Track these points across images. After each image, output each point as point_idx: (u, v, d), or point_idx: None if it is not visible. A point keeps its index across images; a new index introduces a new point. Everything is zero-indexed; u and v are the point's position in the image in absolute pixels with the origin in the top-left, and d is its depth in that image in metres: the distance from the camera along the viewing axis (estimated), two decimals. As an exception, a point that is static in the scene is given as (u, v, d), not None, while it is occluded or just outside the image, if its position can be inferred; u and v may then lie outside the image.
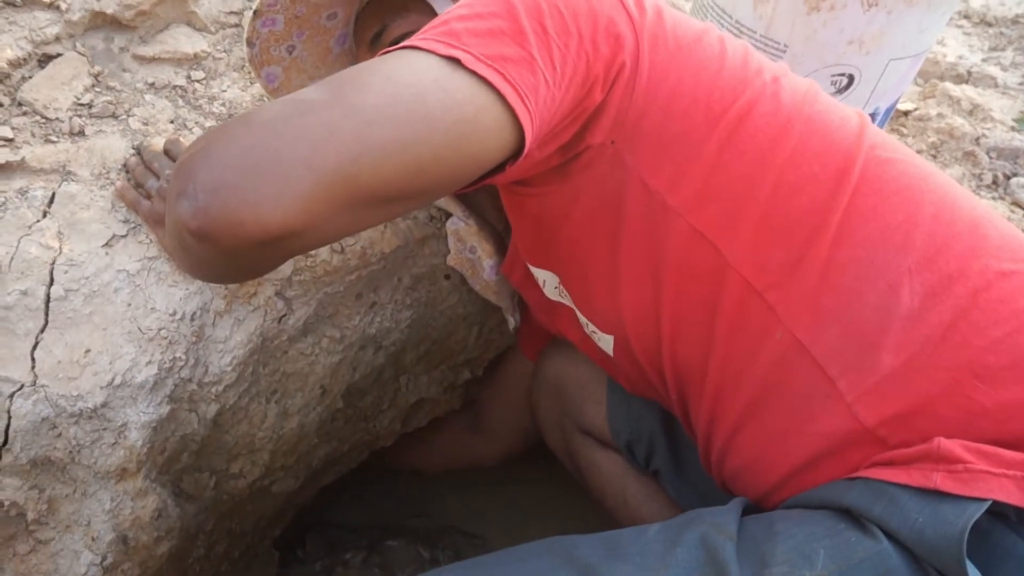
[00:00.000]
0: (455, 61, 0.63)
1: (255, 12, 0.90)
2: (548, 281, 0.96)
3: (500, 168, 0.70)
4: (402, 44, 0.67)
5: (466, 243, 1.06)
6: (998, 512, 0.63)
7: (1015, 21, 2.03)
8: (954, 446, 0.65)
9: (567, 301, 0.95)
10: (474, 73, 0.63)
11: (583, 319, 0.93)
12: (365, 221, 0.64)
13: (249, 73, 1.11)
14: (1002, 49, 1.94)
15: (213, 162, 0.56)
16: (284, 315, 0.97)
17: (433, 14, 0.88)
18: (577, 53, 0.70)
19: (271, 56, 0.98)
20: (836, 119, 0.77)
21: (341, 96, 0.60)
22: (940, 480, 0.64)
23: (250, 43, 0.94)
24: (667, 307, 0.79)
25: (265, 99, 1.08)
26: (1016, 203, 1.41)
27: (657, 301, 0.80)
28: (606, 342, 0.91)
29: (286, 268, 0.95)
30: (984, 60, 1.88)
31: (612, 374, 1.01)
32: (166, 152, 0.94)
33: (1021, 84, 1.78)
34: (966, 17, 2.06)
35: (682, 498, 1.04)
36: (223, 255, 0.59)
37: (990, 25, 2.03)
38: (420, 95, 0.61)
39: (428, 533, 1.52)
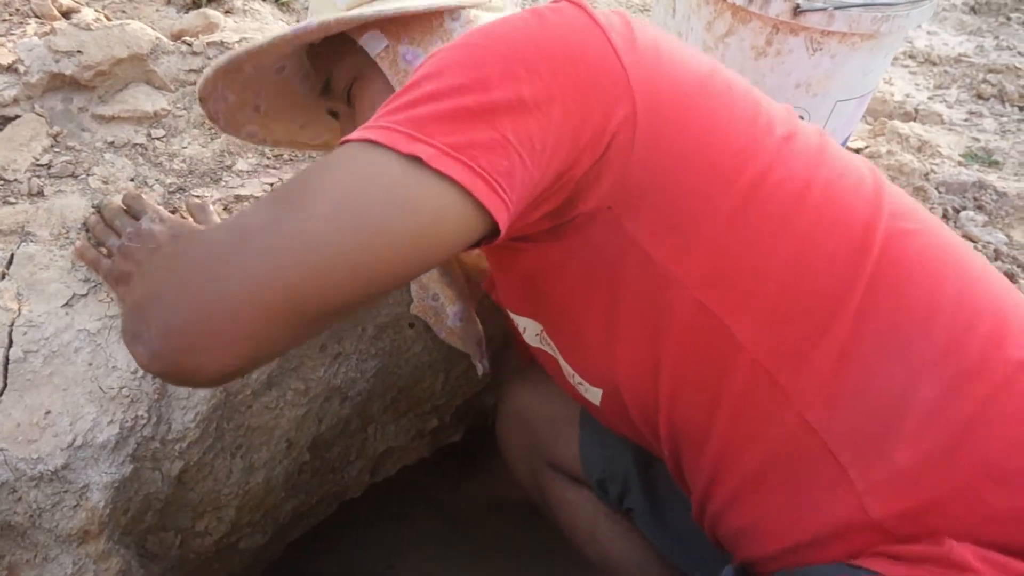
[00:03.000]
0: (416, 159, 0.59)
1: (200, 99, 0.88)
2: (529, 328, 0.92)
3: (474, 246, 0.67)
4: (363, 133, 0.62)
5: (428, 290, 1.06)
6: None
7: (958, 60, 2.10)
8: (966, 552, 0.63)
9: (550, 349, 0.91)
10: (437, 171, 0.59)
11: (568, 369, 0.89)
12: (320, 329, 0.63)
13: (211, 129, 1.12)
14: (947, 87, 2.00)
15: (163, 305, 0.57)
16: (248, 369, 0.97)
17: (366, 55, 0.84)
18: (560, 124, 0.64)
19: (240, 120, 0.97)
20: (852, 182, 0.73)
21: (283, 223, 0.58)
22: None
23: (214, 120, 0.93)
24: (667, 373, 0.75)
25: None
26: (967, 236, 1.45)
27: (657, 366, 0.76)
28: (593, 394, 0.88)
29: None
30: (930, 98, 1.94)
31: (598, 418, 0.97)
32: (126, 207, 0.94)
33: (966, 120, 1.84)
34: (911, 57, 2.13)
35: (656, 537, 1.03)
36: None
37: (935, 64, 2.10)
38: (368, 213, 0.59)
39: (402, 584, 1.50)
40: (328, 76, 0.90)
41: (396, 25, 0.83)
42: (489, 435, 1.28)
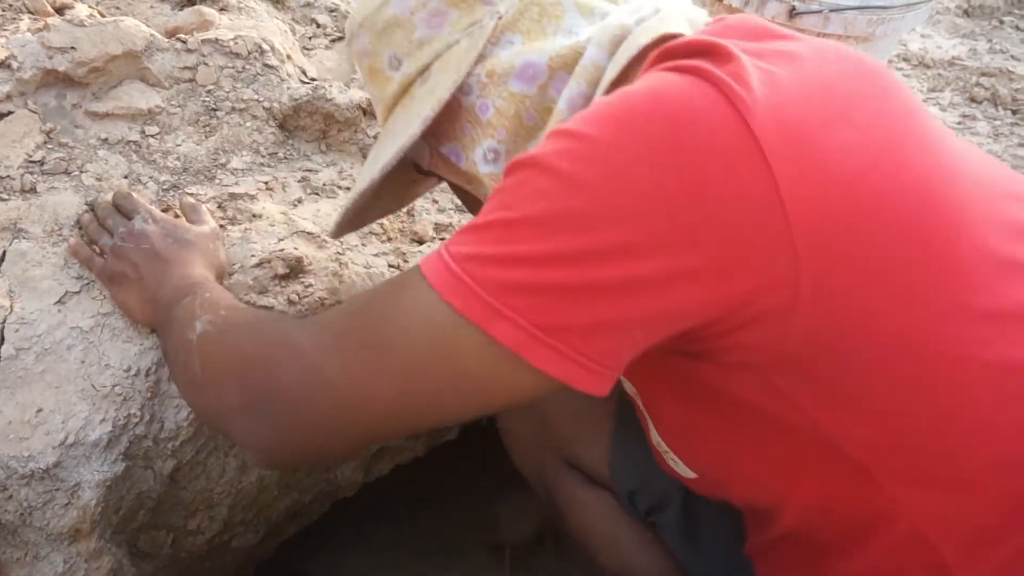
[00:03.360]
0: (499, 343, 0.53)
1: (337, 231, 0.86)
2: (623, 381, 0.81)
3: None
4: (443, 279, 0.56)
5: None
6: None
7: (951, 63, 2.11)
8: None
9: (639, 404, 0.79)
10: (521, 357, 0.53)
11: (659, 442, 0.77)
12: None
13: (204, 127, 1.12)
14: (940, 90, 2.01)
15: (246, 433, 0.67)
16: (241, 368, 0.97)
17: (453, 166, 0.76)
18: (685, 301, 0.53)
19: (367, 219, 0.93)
20: None
21: (356, 384, 0.62)
22: None
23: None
24: (797, 507, 0.67)
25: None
26: (959, 238, 1.45)
27: (784, 499, 0.67)
28: (684, 469, 0.77)
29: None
30: (924, 101, 1.95)
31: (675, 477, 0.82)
32: (117, 207, 0.94)
33: (959, 123, 1.85)
34: (905, 60, 2.14)
35: (684, 558, 0.97)
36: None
37: (928, 67, 2.11)
38: (439, 392, 0.59)
39: (394, 585, 1.50)
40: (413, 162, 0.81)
41: (429, 128, 0.72)
42: (486, 434, 1.27)
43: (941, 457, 0.59)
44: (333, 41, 1.41)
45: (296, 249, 1.01)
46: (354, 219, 0.87)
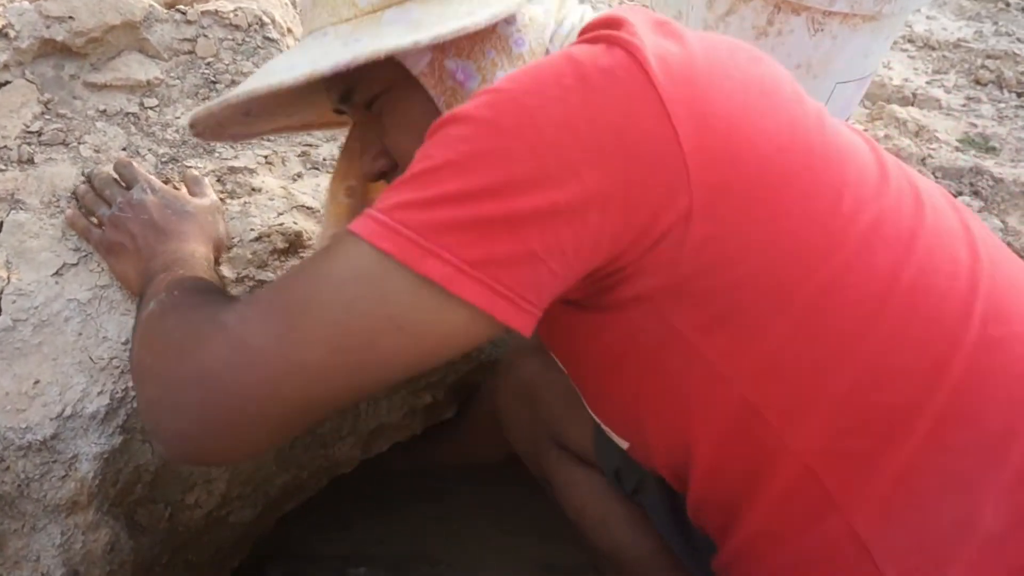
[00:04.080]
0: (429, 280, 0.55)
1: (191, 125, 0.79)
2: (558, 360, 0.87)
3: None
4: (373, 231, 0.57)
5: None
6: None
7: (957, 45, 2.09)
8: None
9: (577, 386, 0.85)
10: (452, 293, 0.56)
11: (590, 411, 0.84)
12: (331, 414, 0.66)
13: (204, 99, 1.11)
14: (945, 72, 2.00)
15: (174, 416, 0.61)
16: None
17: (399, 66, 0.72)
18: (599, 228, 0.58)
19: (226, 126, 0.84)
20: (943, 279, 0.64)
21: (286, 347, 0.58)
22: None
23: (200, 136, 0.83)
24: (701, 458, 0.70)
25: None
26: (962, 221, 1.45)
27: (689, 447, 0.70)
28: (620, 442, 0.82)
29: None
30: (928, 83, 1.93)
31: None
32: (117, 175, 0.93)
33: (964, 106, 1.84)
34: (910, 41, 2.12)
35: (668, 535, 0.98)
36: None
37: (933, 49, 2.09)
38: (372, 342, 0.57)
39: (392, 561, 1.50)
40: (348, 87, 0.77)
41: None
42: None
43: (812, 378, 0.63)
44: (334, 15, 1.40)
45: (295, 223, 1.00)
46: (254, 112, 0.81)
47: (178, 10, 1.15)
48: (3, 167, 0.95)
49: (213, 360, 0.60)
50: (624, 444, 0.81)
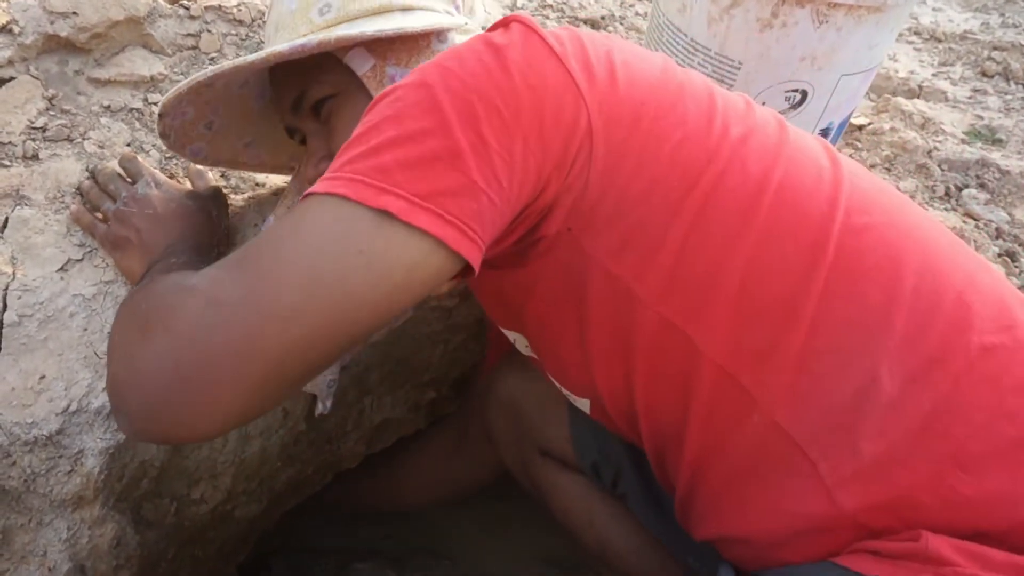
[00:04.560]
0: (386, 213, 0.60)
1: (160, 114, 0.85)
2: (519, 340, 0.93)
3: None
4: (329, 185, 0.62)
5: None
6: None
7: (963, 37, 2.08)
8: (942, 545, 0.63)
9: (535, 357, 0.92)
10: (408, 224, 0.60)
11: (555, 383, 0.90)
12: (305, 382, 0.64)
13: (207, 95, 1.11)
14: (951, 64, 1.99)
15: (141, 384, 0.58)
16: (244, 337, 0.96)
17: (349, 71, 0.82)
18: (524, 158, 0.65)
19: (190, 137, 0.92)
20: (809, 178, 0.72)
21: (258, 295, 0.59)
22: None
23: (164, 136, 0.88)
24: (640, 386, 0.76)
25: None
26: (968, 214, 1.44)
27: (629, 379, 0.76)
28: (582, 403, 0.88)
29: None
30: (934, 75, 1.92)
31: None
32: (122, 169, 0.93)
33: (970, 98, 1.83)
34: (916, 33, 2.11)
35: (651, 523, 1.02)
36: None
37: (940, 41, 2.08)
38: (343, 278, 0.59)
39: (397, 555, 1.51)
40: (301, 91, 0.86)
41: (382, 45, 0.82)
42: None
43: (708, 281, 0.70)
44: (337, 9, 1.40)
45: (300, 218, 1.00)
46: (200, 107, 0.88)
47: (182, 5, 1.15)
48: (8, 163, 0.95)
49: (183, 322, 0.59)
50: (585, 405, 0.87)
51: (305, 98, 0.85)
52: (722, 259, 0.69)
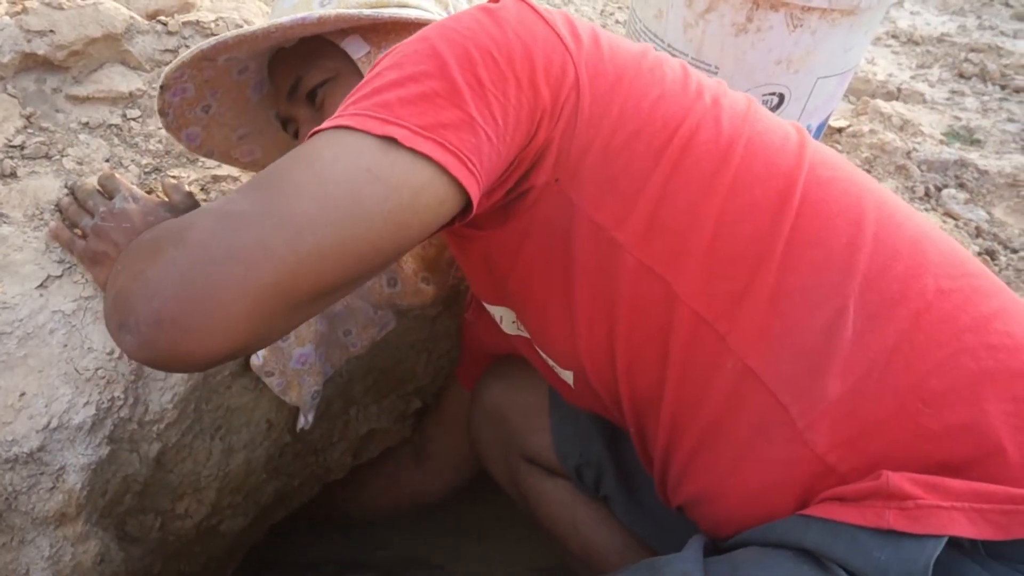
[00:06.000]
0: (391, 140, 0.62)
1: (162, 86, 0.88)
2: (505, 317, 0.95)
3: (448, 224, 0.71)
4: (335, 121, 0.64)
5: None
6: (954, 542, 0.64)
7: (940, 40, 2.10)
8: (902, 481, 0.65)
9: (525, 334, 0.93)
10: (412, 150, 0.62)
11: (541, 353, 0.91)
12: (311, 313, 0.64)
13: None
14: (929, 66, 2.01)
15: (151, 293, 0.56)
16: (226, 350, 0.96)
17: (345, 58, 0.87)
18: (517, 100, 0.69)
19: (187, 119, 0.96)
20: (777, 138, 0.77)
21: (270, 206, 0.59)
22: (893, 519, 0.64)
23: (163, 113, 0.92)
24: (621, 342, 0.78)
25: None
26: (948, 214, 1.46)
27: (611, 336, 0.78)
28: (567, 376, 0.90)
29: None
30: (912, 77, 1.94)
31: (573, 401, 0.98)
32: (101, 187, 0.93)
33: (948, 99, 1.85)
34: (894, 37, 2.13)
35: (634, 524, 1.03)
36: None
37: (917, 44, 2.10)
38: (353, 191, 0.61)
39: (388, 566, 1.50)
40: (298, 77, 0.90)
41: (377, 33, 0.86)
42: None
43: (684, 226, 0.73)
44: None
45: (280, 231, 1.00)
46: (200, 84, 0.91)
47: (159, 21, 1.15)
48: (-14, 181, 0.95)
49: (197, 234, 0.58)
50: (569, 377, 0.89)
51: (301, 84, 0.89)
52: (697, 204, 0.73)
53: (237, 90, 0.97)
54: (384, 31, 0.87)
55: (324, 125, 0.65)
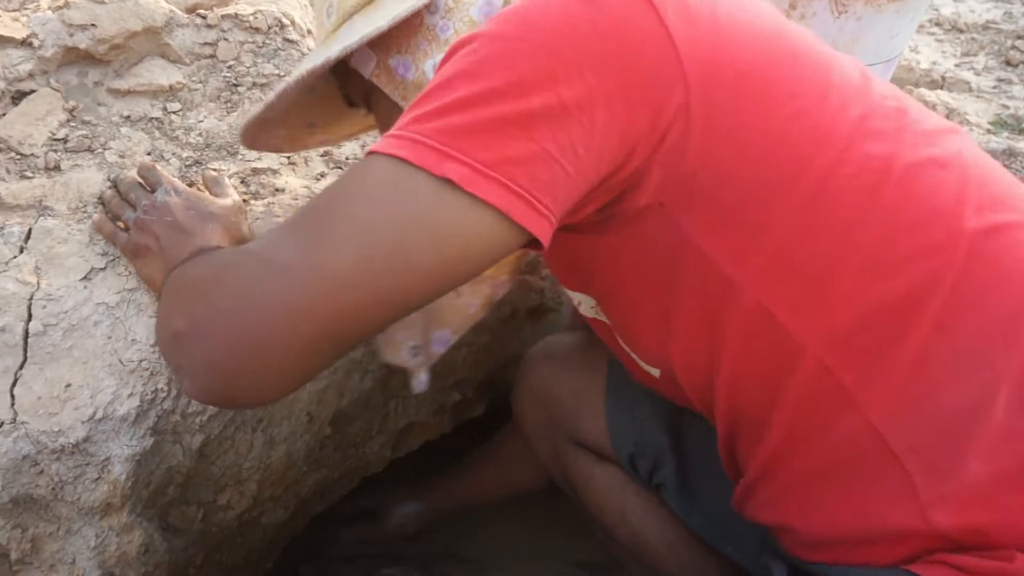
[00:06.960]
0: (448, 182, 0.57)
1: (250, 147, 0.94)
2: (584, 302, 0.88)
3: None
4: (393, 146, 0.59)
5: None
6: None
7: (985, 27, 2.06)
8: None
9: (605, 319, 0.86)
10: (471, 195, 0.57)
11: (624, 347, 0.85)
12: (357, 345, 0.65)
13: (226, 103, 1.11)
14: (974, 54, 1.96)
15: (203, 343, 0.60)
16: (267, 342, 0.96)
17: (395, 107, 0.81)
18: (606, 126, 0.60)
19: (303, 139, 1.00)
20: (934, 170, 0.66)
21: (312, 258, 0.59)
22: None
23: (277, 150, 0.99)
24: (726, 370, 0.72)
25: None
26: (996, 204, 1.42)
27: (713, 362, 0.72)
28: (652, 370, 0.84)
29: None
30: (957, 65, 1.90)
31: (652, 387, 0.90)
32: (141, 178, 0.94)
33: (995, 87, 1.80)
34: (938, 24, 2.09)
35: (687, 515, 1.00)
36: None
37: (961, 31, 2.06)
38: (398, 242, 0.58)
39: (424, 560, 1.50)
40: (346, 93, 0.90)
41: (380, 40, 0.79)
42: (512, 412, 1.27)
43: (818, 272, 0.64)
44: (353, 15, 1.40)
45: (320, 223, 1.00)
46: (265, 124, 0.89)
47: (199, 15, 1.15)
48: (30, 174, 0.96)
49: (243, 281, 0.60)
50: (655, 372, 0.82)
51: (350, 96, 0.89)
52: (837, 250, 0.64)
53: (326, 100, 0.95)
54: (385, 34, 0.78)
55: (379, 147, 0.60)
